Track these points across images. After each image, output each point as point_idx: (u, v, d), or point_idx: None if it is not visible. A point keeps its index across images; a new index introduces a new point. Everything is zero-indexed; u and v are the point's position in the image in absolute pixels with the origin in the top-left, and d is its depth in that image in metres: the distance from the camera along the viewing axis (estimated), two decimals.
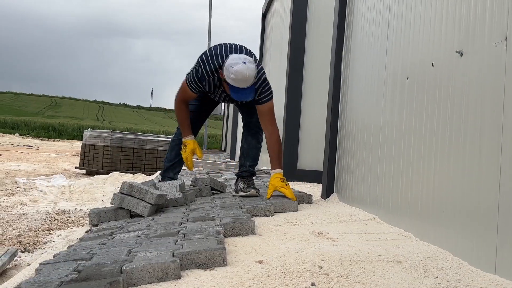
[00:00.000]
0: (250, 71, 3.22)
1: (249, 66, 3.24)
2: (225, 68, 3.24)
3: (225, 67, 3.25)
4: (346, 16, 3.89)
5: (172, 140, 3.92)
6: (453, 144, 2.06)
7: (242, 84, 3.24)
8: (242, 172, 3.78)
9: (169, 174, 3.86)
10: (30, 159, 12.92)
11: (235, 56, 3.30)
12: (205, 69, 3.40)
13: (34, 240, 3.56)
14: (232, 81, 3.23)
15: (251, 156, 3.80)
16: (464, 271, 1.77)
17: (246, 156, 3.80)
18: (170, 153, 3.89)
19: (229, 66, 3.22)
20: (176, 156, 3.85)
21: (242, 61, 3.23)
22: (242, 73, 3.19)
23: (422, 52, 2.45)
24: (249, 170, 3.76)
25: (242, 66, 3.21)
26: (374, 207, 2.99)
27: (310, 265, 1.78)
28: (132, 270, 1.67)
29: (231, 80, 3.23)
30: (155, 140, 10.12)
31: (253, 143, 3.79)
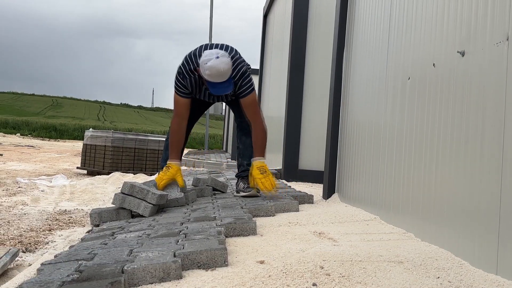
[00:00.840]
0: (224, 64, 3.26)
1: (222, 59, 3.28)
2: (200, 65, 3.31)
3: (200, 64, 3.32)
4: (347, 16, 3.89)
5: (166, 139, 3.88)
6: (455, 145, 2.06)
7: (218, 79, 3.29)
8: (241, 172, 3.80)
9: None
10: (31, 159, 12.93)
11: (207, 52, 3.34)
12: (185, 69, 3.46)
13: (35, 240, 3.56)
14: (208, 77, 3.28)
15: (247, 155, 3.78)
16: (465, 271, 1.77)
17: (243, 156, 3.81)
18: (165, 152, 3.86)
19: (203, 62, 3.28)
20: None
21: (215, 56, 3.27)
22: (216, 67, 3.24)
23: (424, 52, 2.45)
24: (247, 169, 3.74)
25: (215, 61, 3.25)
26: (375, 207, 2.99)
27: (311, 265, 1.78)
28: (134, 270, 1.67)
29: (207, 76, 3.28)
30: (156, 140, 10.12)
31: (248, 142, 3.77)
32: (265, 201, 3.27)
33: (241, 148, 3.82)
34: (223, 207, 3.08)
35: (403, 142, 2.63)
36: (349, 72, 3.75)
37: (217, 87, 3.34)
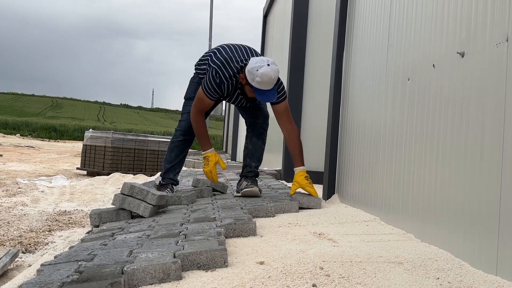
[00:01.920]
0: (274, 72, 3.27)
1: (273, 67, 3.28)
2: (249, 72, 3.28)
3: (248, 71, 3.29)
4: (347, 16, 3.89)
5: (171, 141, 3.86)
6: (454, 145, 2.06)
7: (267, 86, 3.28)
8: (246, 172, 3.77)
9: (170, 175, 3.82)
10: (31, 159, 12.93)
11: (257, 59, 3.32)
12: (223, 74, 3.42)
13: (35, 241, 3.56)
14: (258, 84, 3.26)
15: (256, 157, 3.80)
16: (465, 272, 1.77)
17: (251, 157, 3.79)
18: (170, 154, 3.83)
19: (254, 69, 3.25)
20: (176, 157, 3.81)
21: (266, 63, 3.26)
22: (268, 75, 3.23)
23: (423, 53, 2.45)
24: (254, 170, 3.77)
25: (267, 68, 3.24)
26: (375, 208, 2.99)
27: (311, 266, 1.78)
28: (133, 271, 1.67)
29: (256, 83, 3.26)
30: (156, 141, 10.12)
31: (259, 144, 3.80)
32: (264, 201, 3.27)
33: (250, 149, 3.81)
34: (223, 207, 3.08)
35: (403, 143, 2.63)
36: (349, 72, 3.75)
37: (265, 94, 3.33)
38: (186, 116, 3.74)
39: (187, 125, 3.72)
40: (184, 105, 3.84)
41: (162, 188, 3.72)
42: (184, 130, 3.76)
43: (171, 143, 3.85)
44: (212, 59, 3.52)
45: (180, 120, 3.84)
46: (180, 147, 3.80)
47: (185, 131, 3.75)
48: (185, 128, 3.75)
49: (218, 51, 3.57)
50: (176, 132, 3.85)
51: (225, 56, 3.47)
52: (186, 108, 3.77)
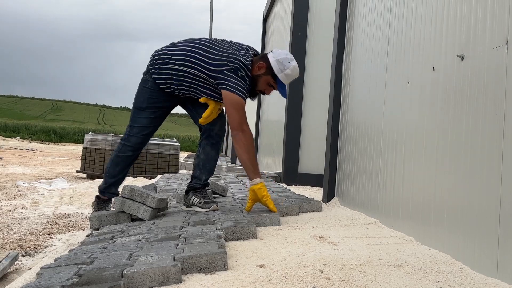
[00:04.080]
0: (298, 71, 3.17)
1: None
2: (279, 62, 3.04)
3: (277, 60, 3.04)
4: (347, 19, 3.90)
5: (117, 155, 3.33)
6: (454, 148, 2.06)
7: (289, 81, 3.13)
8: (194, 184, 3.29)
9: (112, 189, 3.38)
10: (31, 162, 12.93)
11: (285, 51, 3.13)
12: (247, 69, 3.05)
13: (35, 244, 3.56)
14: (285, 76, 3.07)
15: (207, 168, 3.32)
16: (465, 275, 1.77)
17: (202, 168, 3.30)
18: (114, 168, 3.33)
19: (285, 60, 3.05)
20: (120, 172, 3.35)
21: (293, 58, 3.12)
22: (297, 70, 3.10)
23: (423, 56, 2.45)
24: (203, 184, 3.31)
25: (296, 63, 3.09)
26: (375, 211, 2.99)
27: (311, 269, 1.78)
28: (133, 274, 1.67)
29: (283, 75, 3.06)
30: (156, 144, 10.12)
31: (212, 154, 3.34)
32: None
33: (202, 159, 3.31)
34: (223, 210, 3.08)
35: (403, 146, 2.63)
36: (349, 75, 3.76)
37: (284, 89, 3.13)
38: (138, 131, 3.26)
39: (138, 141, 3.28)
40: (135, 115, 3.29)
41: (105, 203, 3.34)
42: (135, 146, 3.28)
43: (116, 157, 3.34)
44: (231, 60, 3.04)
45: (129, 134, 3.29)
46: (126, 162, 3.33)
47: (135, 147, 3.29)
48: (136, 144, 3.28)
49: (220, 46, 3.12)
50: (123, 147, 3.31)
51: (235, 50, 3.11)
52: (139, 121, 3.26)
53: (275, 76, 3.08)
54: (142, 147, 3.34)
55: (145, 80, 3.26)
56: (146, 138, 3.31)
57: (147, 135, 3.30)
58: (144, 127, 3.26)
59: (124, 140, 3.32)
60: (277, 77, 3.07)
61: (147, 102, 3.23)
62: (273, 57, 3.07)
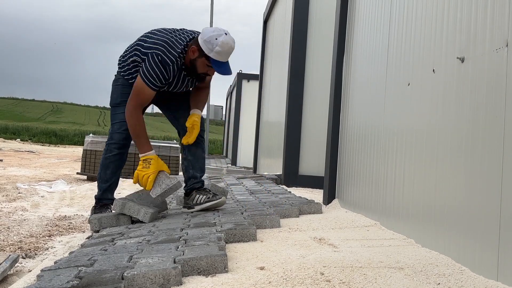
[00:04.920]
0: (233, 42, 3.03)
1: (231, 37, 3.02)
2: (206, 41, 2.96)
3: (205, 40, 2.97)
4: (347, 22, 3.90)
5: (105, 157, 3.33)
6: (455, 151, 2.06)
7: (225, 57, 3.02)
8: (194, 184, 3.31)
9: (108, 195, 3.36)
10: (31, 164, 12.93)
11: (212, 28, 3.04)
12: (166, 56, 3.01)
13: (35, 246, 3.56)
14: (217, 54, 2.97)
15: (198, 167, 3.36)
16: (466, 277, 1.77)
17: (193, 167, 3.33)
18: (104, 172, 3.32)
19: (212, 38, 2.96)
20: (112, 174, 3.33)
21: (224, 32, 3.00)
22: (229, 44, 2.98)
23: (423, 58, 2.45)
24: (201, 181, 3.35)
25: (226, 37, 2.97)
26: (375, 213, 2.98)
27: (311, 271, 1.78)
28: (133, 276, 1.66)
29: (215, 53, 2.97)
30: (156, 146, 10.12)
31: (198, 152, 3.36)
32: (265, 207, 3.27)
33: (191, 160, 3.34)
34: (223, 212, 3.08)
35: (403, 148, 2.63)
36: (349, 77, 3.76)
37: (223, 67, 3.04)
38: (119, 126, 3.26)
39: (121, 137, 3.26)
40: (112, 113, 3.35)
41: (102, 209, 3.31)
42: (119, 143, 3.27)
43: (104, 159, 3.34)
44: (147, 45, 3.08)
45: (112, 132, 3.32)
46: (116, 163, 3.31)
47: (120, 144, 3.27)
48: (120, 140, 3.27)
49: (149, 36, 3.14)
50: (108, 146, 3.32)
51: (163, 38, 3.07)
52: (117, 117, 3.28)
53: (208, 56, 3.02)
54: (128, 144, 3.31)
55: (117, 79, 3.36)
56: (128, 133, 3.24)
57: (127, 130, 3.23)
58: (123, 122, 3.21)
59: (108, 140, 3.34)
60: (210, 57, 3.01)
61: (121, 97, 3.27)
62: (201, 37, 3.01)
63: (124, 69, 3.26)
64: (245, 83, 16.28)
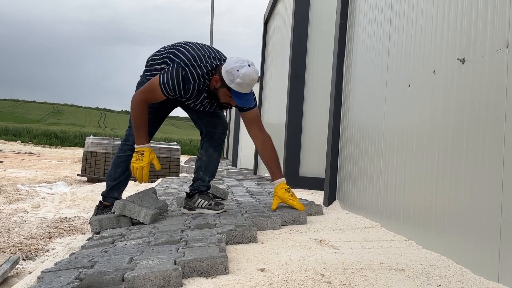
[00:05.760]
0: (256, 73, 2.97)
1: (254, 68, 2.97)
2: (228, 72, 2.93)
3: (227, 71, 2.94)
4: (347, 23, 3.90)
5: (117, 156, 3.41)
6: (455, 152, 2.06)
7: (247, 89, 2.98)
8: (199, 186, 3.32)
9: (114, 194, 3.40)
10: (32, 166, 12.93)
11: (236, 59, 2.99)
12: (191, 72, 2.98)
13: (35, 248, 3.56)
14: (238, 86, 2.94)
15: (210, 170, 3.37)
16: (467, 279, 1.77)
17: (205, 170, 3.35)
18: (115, 170, 3.39)
19: (234, 69, 2.91)
20: (122, 174, 3.39)
21: (247, 64, 2.94)
22: (250, 76, 2.92)
23: (424, 59, 2.45)
24: (207, 185, 3.37)
25: (248, 69, 2.92)
26: (376, 214, 2.98)
27: (312, 273, 1.77)
28: (134, 278, 1.66)
29: (236, 85, 2.93)
30: (157, 147, 10.13)
31: (214, 156, 3.38)
32: (265, 208, 3.27)
33: (205, 161, 3.36)
34: (224, 214, 3.08)
35: (404, 149, 2.63)
36: (350, 79, 3.76)
37: (244, 98, 3.01)
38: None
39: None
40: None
41: (105, 209, 3.34)
42: (133, 144, 3.26)
43: (116, 158, 3.40)
44: (177, 55, 3.06)
45: (128, 134, 3.38)
46: (127, 163, 3.34)
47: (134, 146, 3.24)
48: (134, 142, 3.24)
49: (184, 48, 3.12)
50: (123, 146, 3.41)
51: (194, 53, 3.04)
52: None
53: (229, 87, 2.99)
54: None
55: (141, 82, 3.34)
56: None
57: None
58: None
59: (124, 141, 3.41)
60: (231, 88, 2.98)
61: None
62: (224, 68, 2.97)
63: (151, 73, 3.23)
64: None
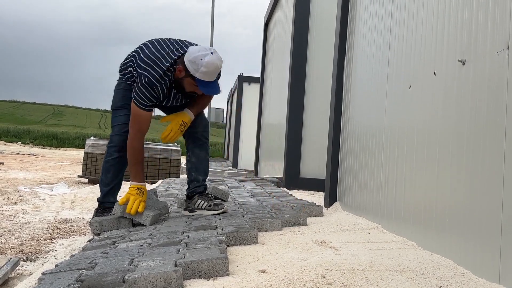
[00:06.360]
0: (220, 61, 2.99)
1: (218, 55, 2.99)
2: (191, 62, 2.95)
3: (190, 61, 2.95)
4: (348, 25, 3.91)
5: (106, 161, 3.33)
6: (456, 153, 2.06)
7: (212, 76, 3.00)
8: (195, 187, 3.32)
9: (110, 199, 3.35)
10: (32, 167, 12.94)
11: (197, 48, 3.02)
12: (153, 76, 3.00)
13: (36, 249, 3.56)
14: (203, 75, 2.95)
15: (202, 169, 3.36)
16: (468, 280, 1.77)
17: (196, 170, 3.34)
18: (105, 176, 3.33)
19: (197, 58, 2.93)
20: (113, 178, 3.33)
21: (210, 52, 2.96)
22: (214, 63, 2.94)
23: (424, 61, 2.45)
24: (203, 184, 3.36)
25: (212, 56, 2.94)
26: (377, 216, 2.98)
27: (313, 274, 1.77)
28: (135, 280, 1.66)
29: (200, 74, 2.95)
30: (157, 149, 10.13)
31: (202, 155, 3.36)
32: (266, 209, 3.27)
33: (195, 162, 3.35)
34: (224, 215, 3.08)
35: (405, 150, 2.63)
36: (350, 80, 3.76)
37: (210, 86, 3.03)
38: (119, 129, 3.27)
39: (121, 139, 3.24)
40: (113, 116, 3.35)
41: (104, 212, 3.29)
42: (119, 145, 3.25)
43: (105, 163, 3.34)
44: (137, 63, 3.08)
45: (112, 134, 3.32)
46: (116, 166, 3.30)
47: (120, 146, 3.25)
48: (119, 143, 3.25)
49: (142, 50, 3.13)
50: (109, 149, 3.32)
51: (151, 56, 3.04)
52: (118, 119, 3.30)
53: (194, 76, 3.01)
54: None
55: (119, 83, 3.35)
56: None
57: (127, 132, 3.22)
58: (123, 124, 3.24)
59: (108, 143, 3.34)
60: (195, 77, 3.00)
61: (122, 100, 3.28)
62: (187, 57, 2.99)
63: (126, 76, 3.27)
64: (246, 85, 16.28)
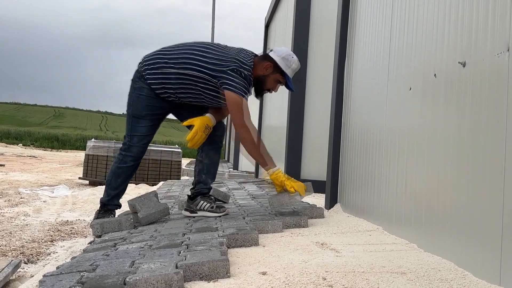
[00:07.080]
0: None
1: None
2: (284, 59, 3.21)
3: (282, 57, 3.21)
4: (348, 25, 3.91)
5: (118, 166, 3.31)
6: (457, 155, 2.06)
7: (293, 74, 3.29)
8: (201, 189, 3.32)
9: (114, 201, 3.37)
10: (33, 169, 12.94)
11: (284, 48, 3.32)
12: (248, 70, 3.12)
13: (37, 251, 3.56)
14: (291, 71, 3.25)
15: (212, 173, 3.39)
16: (468, 282, 1.77)
17: (207, 172, 3.36)
18: (116, 180, 3.32)
19: (289, 56, 3.23)
20: (122, 183, 3.34)
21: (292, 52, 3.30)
22: (298, 63, 3.29)
23: (425, 63, 2.46)
24: (209, 187, 3.38)
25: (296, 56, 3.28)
26: (378, 217, 2.98)
27: (314, 276, 1.77)
28: (136, 282, 1.67)
29: (290, 70, 3.24)
30: (158, 150, 10.14)
31: (215, 158, 3.40)
32: (267, 211, 3.27)
33: (206, 163, 3.36)
34: (225, 217, 3.08)
35: (405, 152, 2.63)
36: (351, 82, 3.76)
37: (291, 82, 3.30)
38: (138, 140, 3.26)
39: (140, 151, 3.28)
40: (133, 124, 3.28)
41: (106, 214, 3.30)
42: (136, 155, 3.28)
43: (117, 168, 3.32)
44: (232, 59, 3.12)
45: (130, 144, 3.27)
46: (127, 173, 3.32)
47: (137, 156, 3.29)
48: (138, 153, 3.28)
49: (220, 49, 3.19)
50: (124, 157, 3.30)
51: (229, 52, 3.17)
52: (139, 129, 3.26)
53: (283, 72, 3.23)
54: (143, 156, 3.35)
55: (141, 87, 3.22)
56: (146, 146, 3.34)
57: (147, 143, 3.32)
58: (144, 136, 3.26)
59: (125, 150, 3.29)
60: (285, 73, 3.23)
61: (146, 110, 3.22)
62: (278, 55, 3.23)
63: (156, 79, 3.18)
64: None
